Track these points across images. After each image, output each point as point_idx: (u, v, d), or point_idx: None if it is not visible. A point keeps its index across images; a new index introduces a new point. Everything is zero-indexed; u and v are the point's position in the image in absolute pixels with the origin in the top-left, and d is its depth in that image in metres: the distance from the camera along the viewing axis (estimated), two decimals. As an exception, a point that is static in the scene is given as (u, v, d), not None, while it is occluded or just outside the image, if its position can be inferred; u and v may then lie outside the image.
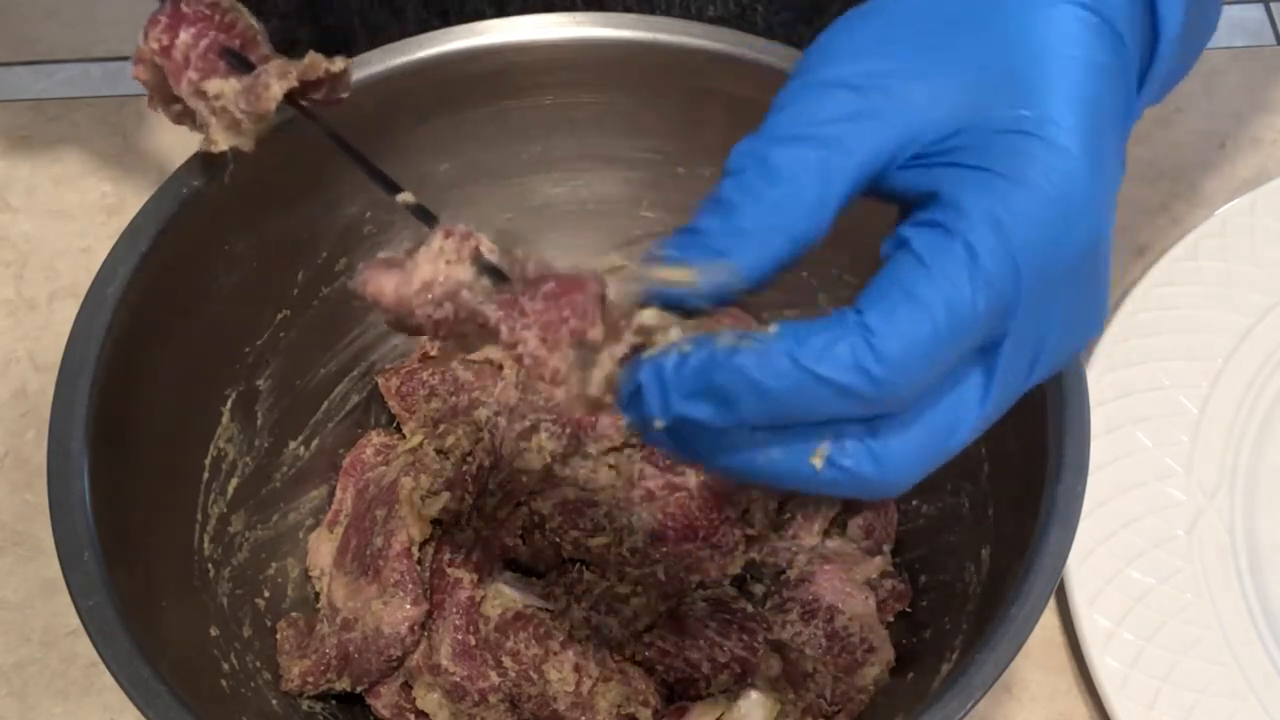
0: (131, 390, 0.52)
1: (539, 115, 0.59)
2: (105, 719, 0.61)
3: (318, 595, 0.60)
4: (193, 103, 0.48)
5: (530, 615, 0.56)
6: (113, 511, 0.49)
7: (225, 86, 0.48)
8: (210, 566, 0.55)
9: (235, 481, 0.58)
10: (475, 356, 0.63)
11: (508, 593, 0.57)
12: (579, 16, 0.57)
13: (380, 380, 0.63)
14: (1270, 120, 0.77)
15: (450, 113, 0.58)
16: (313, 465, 0.62)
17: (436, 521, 0.58)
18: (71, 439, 0.48)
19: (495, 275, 0.38)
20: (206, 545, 0.55)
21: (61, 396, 0.49)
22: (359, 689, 0.57)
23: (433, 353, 0.64)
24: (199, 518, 0.55)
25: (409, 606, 0.56)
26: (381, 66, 0.55)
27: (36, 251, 0.74)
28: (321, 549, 0.60)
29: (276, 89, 0.47)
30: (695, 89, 0.57)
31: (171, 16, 0.48)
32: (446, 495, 0.58)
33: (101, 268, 0.51)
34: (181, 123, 0.51)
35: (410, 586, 0.56)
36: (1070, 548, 0.46)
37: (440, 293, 0.38)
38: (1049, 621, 0.62)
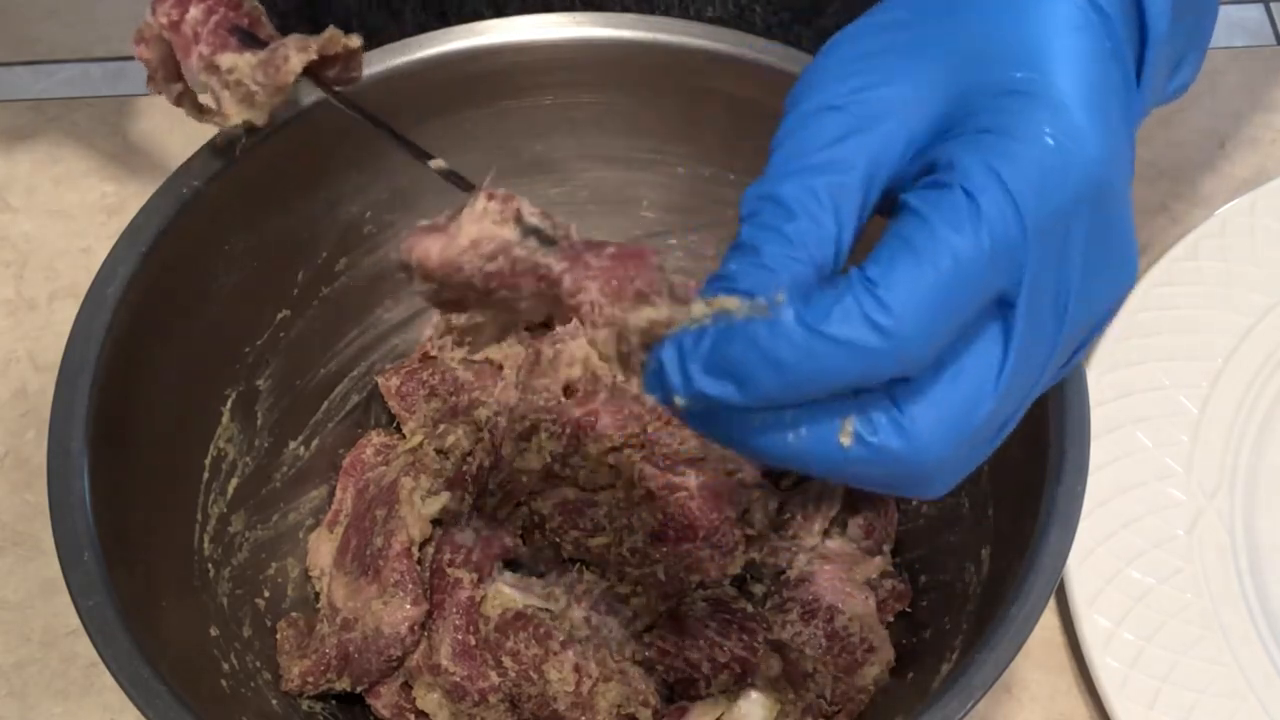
0: (131, 390, 0.52)
1: (539, 115, 0.59)
2: (105, 719, 0.61)
3: (318, 595, 0.60)
4: (204, 77, 0.48)
5: (530, 615, 0.56)
6: (113, 511, 0.49)
7: (240, 60, 0.48)
8: (210, 566, 0.55)
9: (235, 481, 0.58)
10: (475, 356, 0.63)
11: (508, 593, 0.57)
12: (579, 16, 0.57)
13: (380, 380, 0.63)
14: (1270, 120, 0.77)
15: (450, 113, 0.58)
16: (313, 465, 0.62)
17: (436, 521, 0.58)
18: (71, 439, 0.48)
19: (540, 236, 0.38)
20: (206, 545, 0.55)
21: (61, 396, 0.49)
22: (359, 689, 0.57)
23: (433, 353, 0.64)
24: (199, 518, 0.55)
25: (409, 606, 0.56)
26: (381, 67, 0.55)
27: (36, 251, 0.74)
28: (321, 549, 0.60)
29: (296, 61, 0.47)
30: (695, 89, 0.57)
31: None
32: (446, 495, 0.58)
33: (101, 268, 0.51)
34: (180, 104, 0.50)
35: (410, 586, 0.56)
36: (1070, 548, 0.46)
37: (490, 248, 0.38)
38: (1049, 621, 0.62)
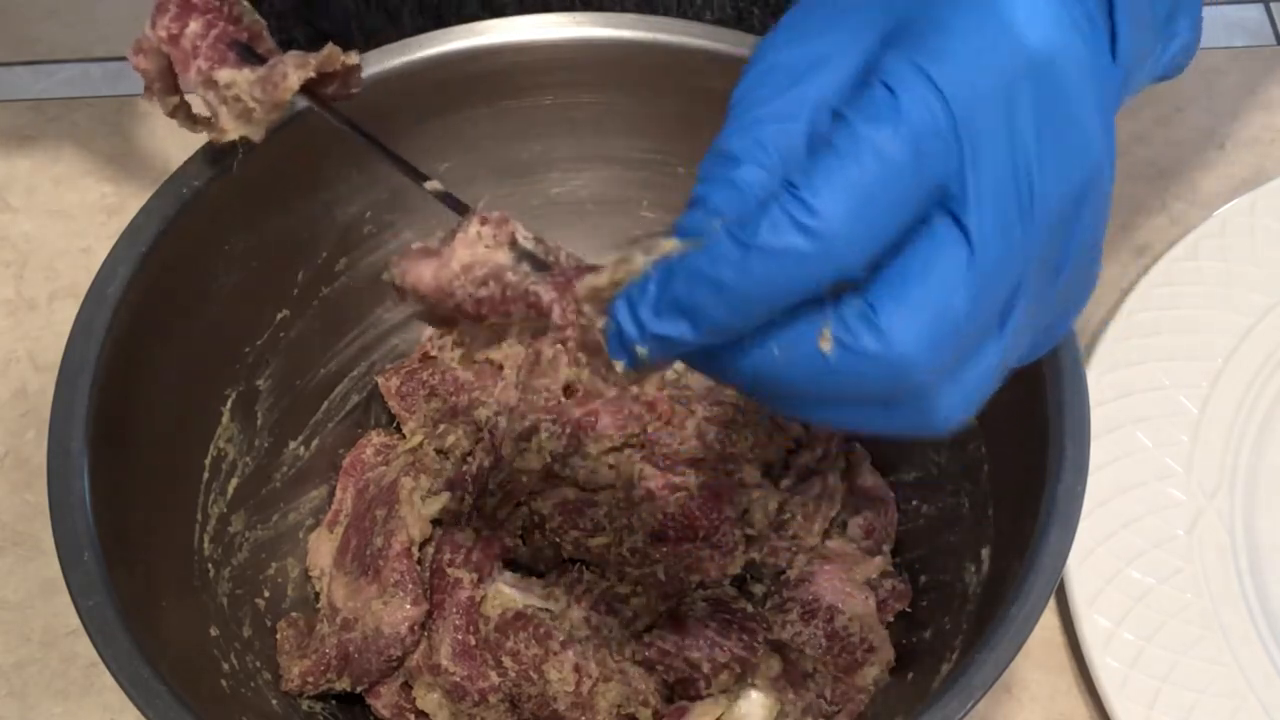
0: (131, 390, 0.52)
1: (539, 115, 0.59)
2: (105, 719, 0.61)
3: (318, 595, 0.60)
4: (201, 92, 0.48)
5: (530, 615, 0.56)
6: (113, 511, 0.49)
7: (238, 76, 0.48)
8: (210, 566, 0.55)
9: (235, 481, 0.58)
10: (475, 356, 0.63)
11: (508, 593, 0.57)
12: (579, 16, 0.57)
13: (380, 380, 0.63)
14: (1270, 120, 0.77)
15: (450, 113, 0.58)
16: (313, 465, 0.62)
17: (436, 521, 0.58)
18: (71, 439, 0.48)
19: (533, 261, 0.38)
20: (206, 545, 0.55)
21: (61, 396, 0.49)
22: (359, 689, 0.57)
23: (433, 353, 0.64)
24: (199, 518, 0.55)
25: (409, 606, 0.56)
26: (381, 67, 0.55)
27: (36, 251, 0.74)
28: (321, 549, 0.60)
29: (294, 78, 0.47)
30: (695, 89, 0.57)
31: (181, 5, 0.48)
32: (446, 495, 0.58)
33: (101, 268, 0.51)
34: (175, 116, 0.50)
35: (410, 586, 0.56)
36: (1070, 548, 0.46)
37: (482, 274, 0.38)
38: (1049, 621, 0.62)
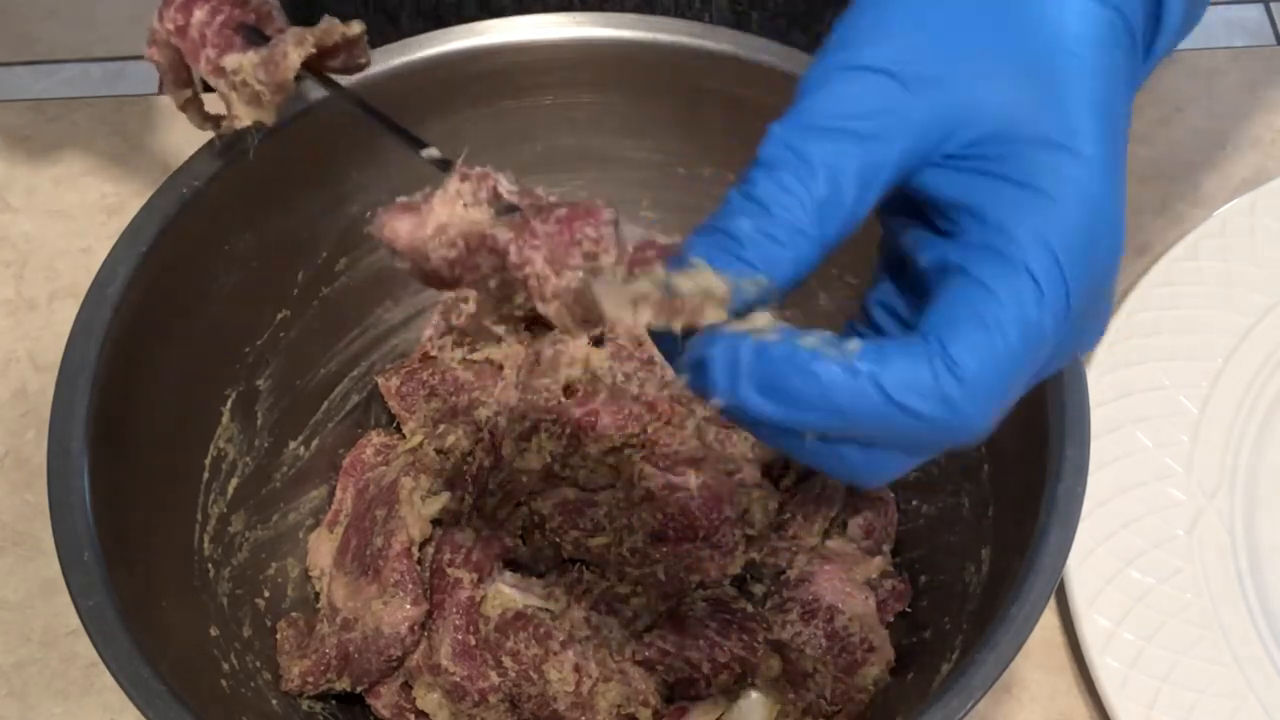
0: (131, 390, 0.52)
1: (539, 115, 0.59)
2: (105, 719, 0.61)
3: (318, 595, 0.60)
4: (212, 81, 0.48)
5: (530, 615, 0.56)
6: (113, 511, 0.49)
7: (244, 60, 0.47)
8: (210, 566, 0.55)
9: (235, 481, 0.58)
10: (475, 356, 0.63)
11: (508, 593, 0.57)
12: (579, 16, 0.57)
13: (380, 380, 0.63)
14: (1270, 120, 0.77)
15: (450, 113, 0.58)
16: (313, 465, 0.62)
17: (436, 521, 0.58)
18: (71, 439, 0.48)
19: (514, 213, 0.37)
20: (206, 545, 0.55)
21: (61, 396, 0.49)
22: (359, 689, 0.57)
23: (433, 353, 0.64)
24: (199, 518, 0.55)
25: (409, 606, 0.56)
26: (381, 67, 0.55)
27: (36, 251, 0.74)
28: (321, 549, 0.60)
29: (294, 57, 0.46)
30: (695, 89, 0.57)
31: None
32: (446, 495, 0.58)
33: (101, 268, 0.51)
34: (186, 110, 0.50)
35: (410, 586, 0.56)
36: (1070, 548, 0.46)
37: (453, 234, 0.37)
38: (1049, 621, 0.62)
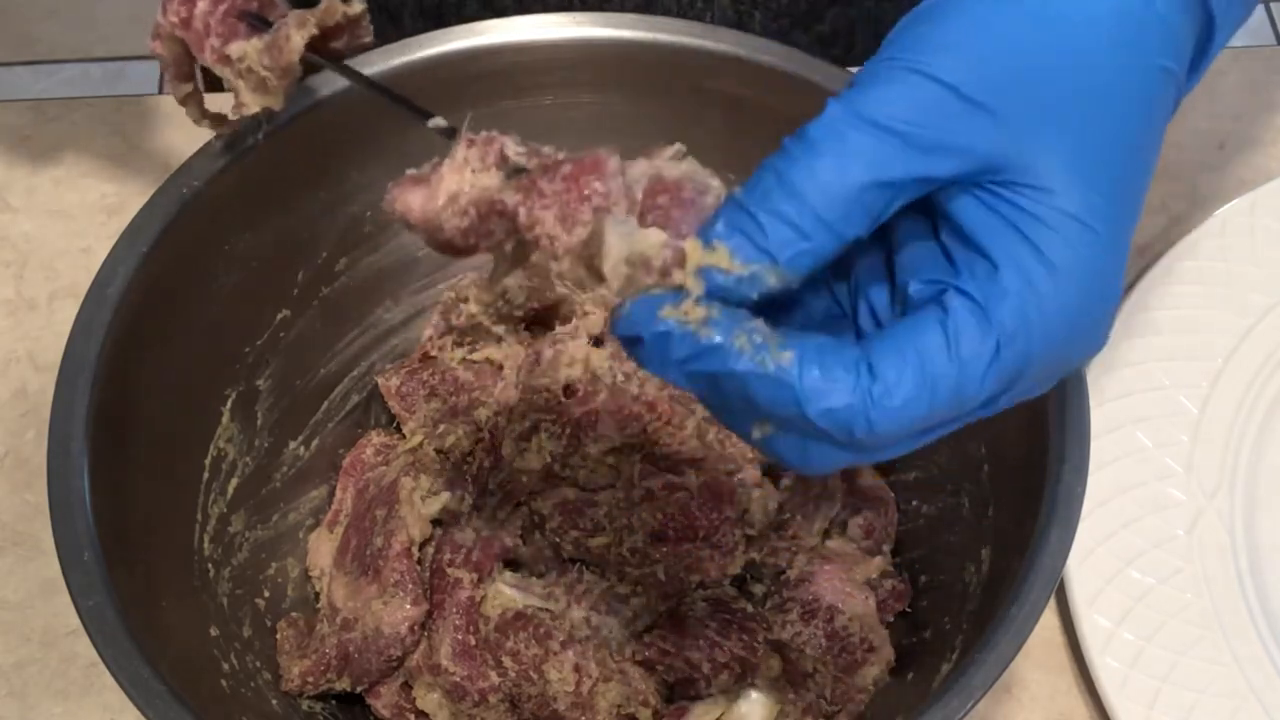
0: (131, 390, 0.52)
1: (539, 115, 0.59)
2: (105, 719, 0.61)
3: (318, 595, 0.60)
4: (219, 70, 0.48)
5: (530, 615, 0.56)
6: (113, 511, 0.49)
7: (248, 47, 0.47)
8: (210, 566, 0.55)
9: (235, 481, 0.58)
10: (475, 356, 0.63)
11: (508, 593, 0.57)
12: (579, 16, 0.57)
13: (380, 380, 0.63)
14: (1270, 120, 0.77)
15: (450, 113, 0.58)
16: (313, 465, 0.62)
17: (436, 521, 0.58)
18: (71, 439, 0.48)
19: (525, 175, 0.37)
20: (206, 545, 0.55)
21: (61, 396, 0.49)
22: (359, 689, 0.57)
23: (433, 353, 0.64)
24: (199, 518, 0.55)
25: (409, 606, 0.56)
26: (381, 67, 0.55)
27: (36, 251, 0.74)
28: (321, 549, 0.60)
29: (297, 39, 0.46)
30: (695, 89, 0.57)
31: None
32: (446, 495, 0.58)
33: (101, 268, 0.51)
34: (187, 105, 0.50)
35: (410, 586, 0.56)
36: (1070, 548, 0.46)
37: (464, 202, 0.37)
38: (1049, 621, 0.62)
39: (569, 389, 0.61)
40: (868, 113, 0.36)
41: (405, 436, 0.62)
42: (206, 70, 0.50)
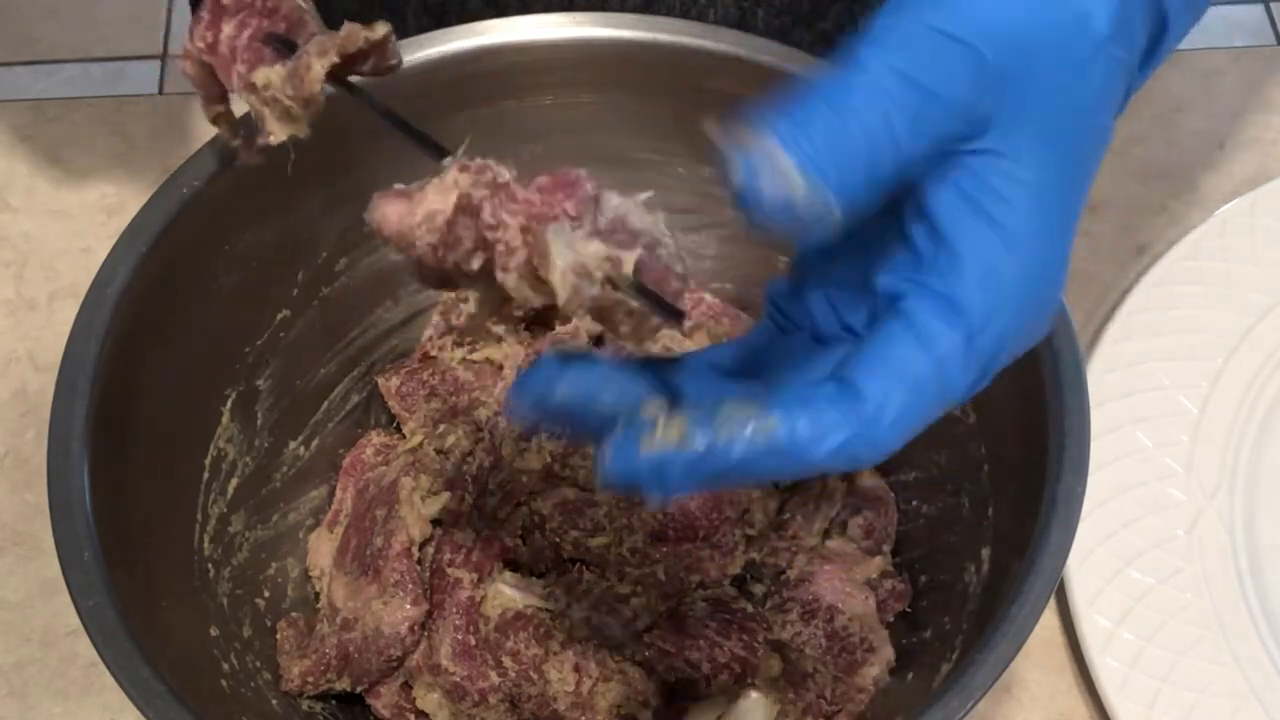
0: (131, 390, 0.52)
1: (539, 115, 0.59)
2: (105, 719, 0.61)
3: (318, 595, 0.60)
4: (245, 98, 0.47)
5: (530, 615, 0.56)
6: (113, 511, 0.49)
7: (272, 74, 0.45)
8: (210, 566, 0.55)
9: (235, 481, 0.58)
10: (475, 356, 0.63)
11: (508, 593, 0.57)
12: (579, 16, 0.57)
13: (380, 380, 0.63)
14: (1270, 120, 0.77)
15: (450, 113, 0.58)
16: (313, 465, 0.62)
17: (436, 521, 0.58)
18: (71, 439, 0.48)
19: None
20: (206, 545, 0.55)
21: (61, 396, 0.49)
22: (359, 689, 0.57)
23: (433, 353, 0.64)
24: (199, 518, 0.55)
25: (409, 606, 0.56)
26: (381, 66, 0.55)
27: (36, 251, 0.74)
28: (321, 549, 0.60)
29: (318, 68, 0.44)
30: (695, 89, 0.57)
31: (212, 12, 0.46)
32: (446, 495, 0.58)
33: (101, 268, 0.51)
34: (218, 125, 0.50)
35: (410, 586, 0.56)
36: (1070, 548, 0.46)
37: (441, 221, 0.37)
38: (1049, 621, 0.62)
39: (569, 389, 0.61)
40: (900, 67, 0.36)
41: (405, 436, 0.62)
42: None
